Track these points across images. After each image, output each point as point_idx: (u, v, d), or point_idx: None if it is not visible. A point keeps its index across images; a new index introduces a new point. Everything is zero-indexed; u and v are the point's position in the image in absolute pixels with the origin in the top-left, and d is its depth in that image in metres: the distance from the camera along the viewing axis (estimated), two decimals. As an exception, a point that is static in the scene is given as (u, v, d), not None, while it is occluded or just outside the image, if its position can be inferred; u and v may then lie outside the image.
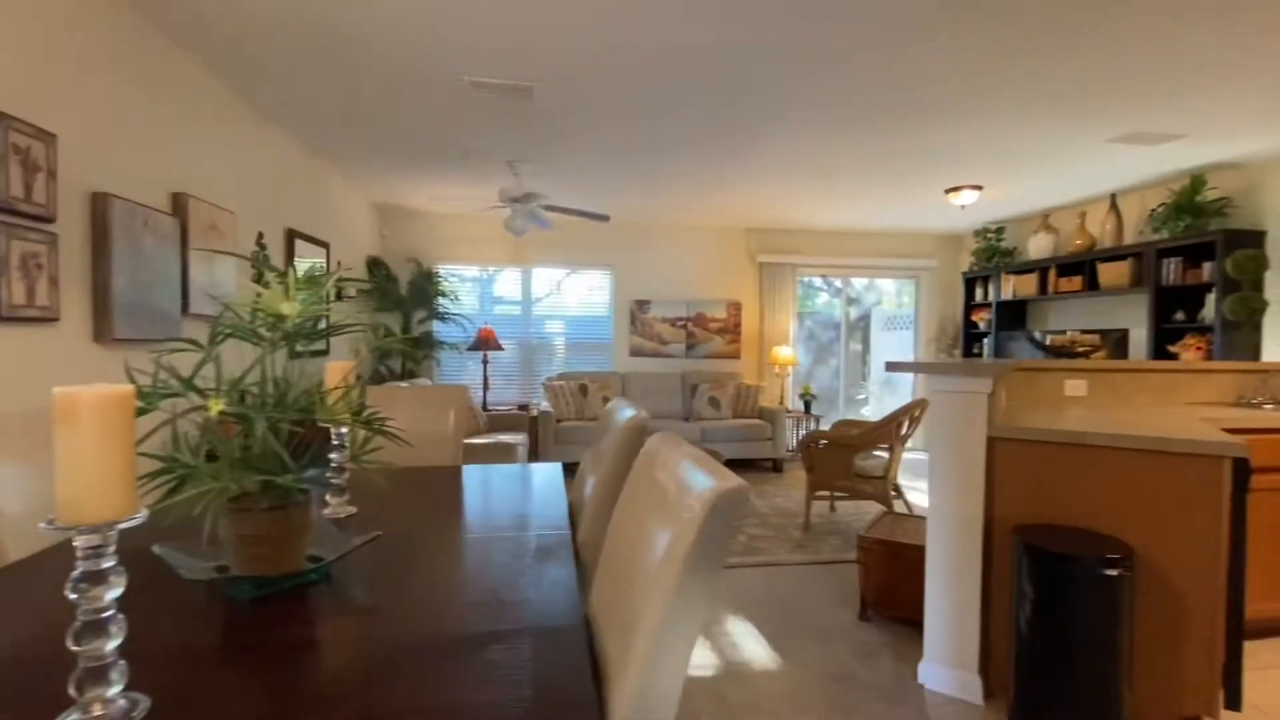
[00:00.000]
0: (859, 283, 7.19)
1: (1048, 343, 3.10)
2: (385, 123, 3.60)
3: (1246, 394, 3.17)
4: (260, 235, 3.44)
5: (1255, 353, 4.13)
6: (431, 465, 2.25)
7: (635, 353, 6.55)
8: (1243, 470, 1.82)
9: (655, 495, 0.94)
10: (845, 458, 3.91)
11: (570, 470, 2.38)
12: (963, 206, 4.94)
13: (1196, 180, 4.18)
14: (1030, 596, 1.83)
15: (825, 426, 5.78)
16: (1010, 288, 5.82)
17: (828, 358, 7.06)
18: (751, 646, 2.45)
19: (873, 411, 7.31)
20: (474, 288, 6.34)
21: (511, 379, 6.42)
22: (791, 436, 6.18)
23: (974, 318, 6.37)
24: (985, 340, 6.23)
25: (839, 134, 3.69)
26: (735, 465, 5.96)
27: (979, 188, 4.82)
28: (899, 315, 7.26)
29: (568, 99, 3.21)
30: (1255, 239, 4.12)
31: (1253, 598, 2.41)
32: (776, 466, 5.87)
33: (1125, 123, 3.46)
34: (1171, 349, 4.36)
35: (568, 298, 6.52)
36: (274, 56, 2.78)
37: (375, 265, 5.54)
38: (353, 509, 1.54)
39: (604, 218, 4.31)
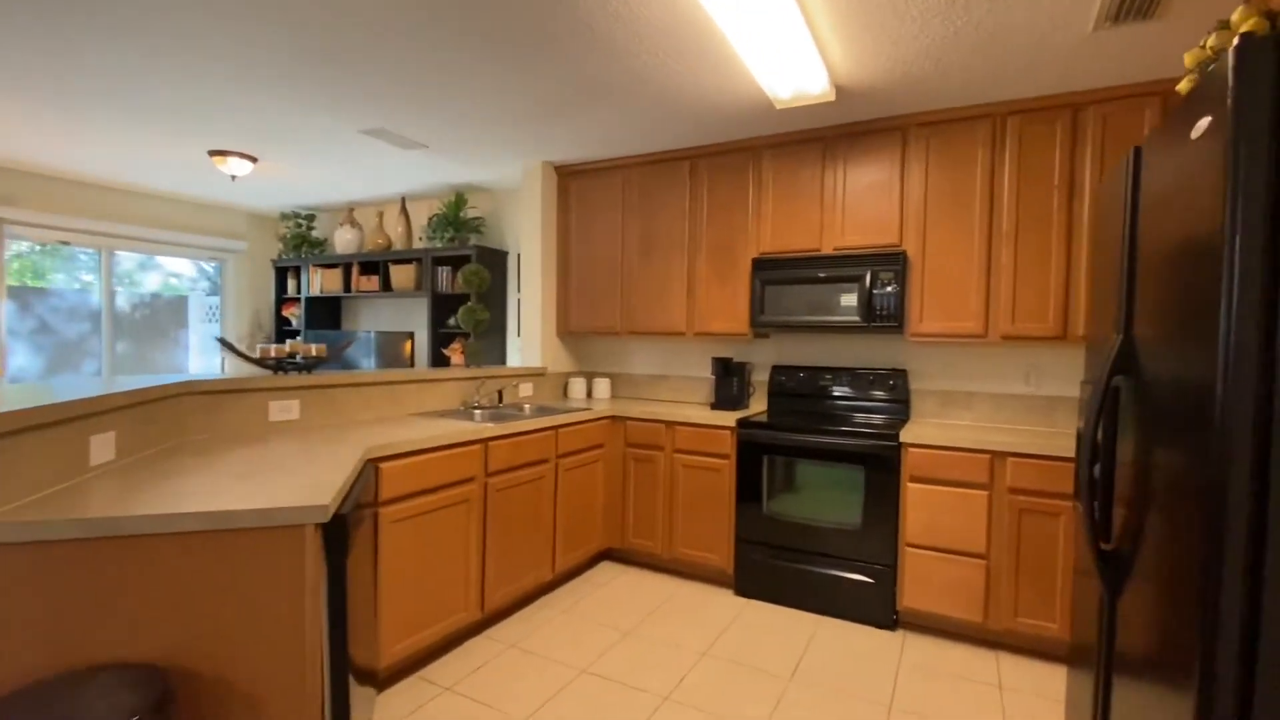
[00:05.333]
0: (128, 257, 5.34)
1: (258, 354, 2.48)
2: None
3: (469, 400, 3.38)
4: None
5: (503, 358, 4.80)
6: None
7: None
8: (339, 532, 1.49)
9: None
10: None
11: None
12: (234, 177, 4.02)
13: (459, 196, 4.52)
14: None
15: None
16: (319, 282, 5.30)
17: (78, 359, 4.99)
18: None
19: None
20: None
21: None
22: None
23: (285, 313, 5.61)
24: (298, 339, 5.56)
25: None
26: None
27: (253, 159, 4.00)
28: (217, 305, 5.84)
29: None
30: (502, 258, 4.76)
31: (398, 635, 2.23)
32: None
33: (373, 116, 3.22)
34: (445, 352, 4.64)
35: None
36: None
37: None
38: None
39: None
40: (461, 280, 3.48)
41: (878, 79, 2.63)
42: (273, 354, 2.52)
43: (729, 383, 3.53)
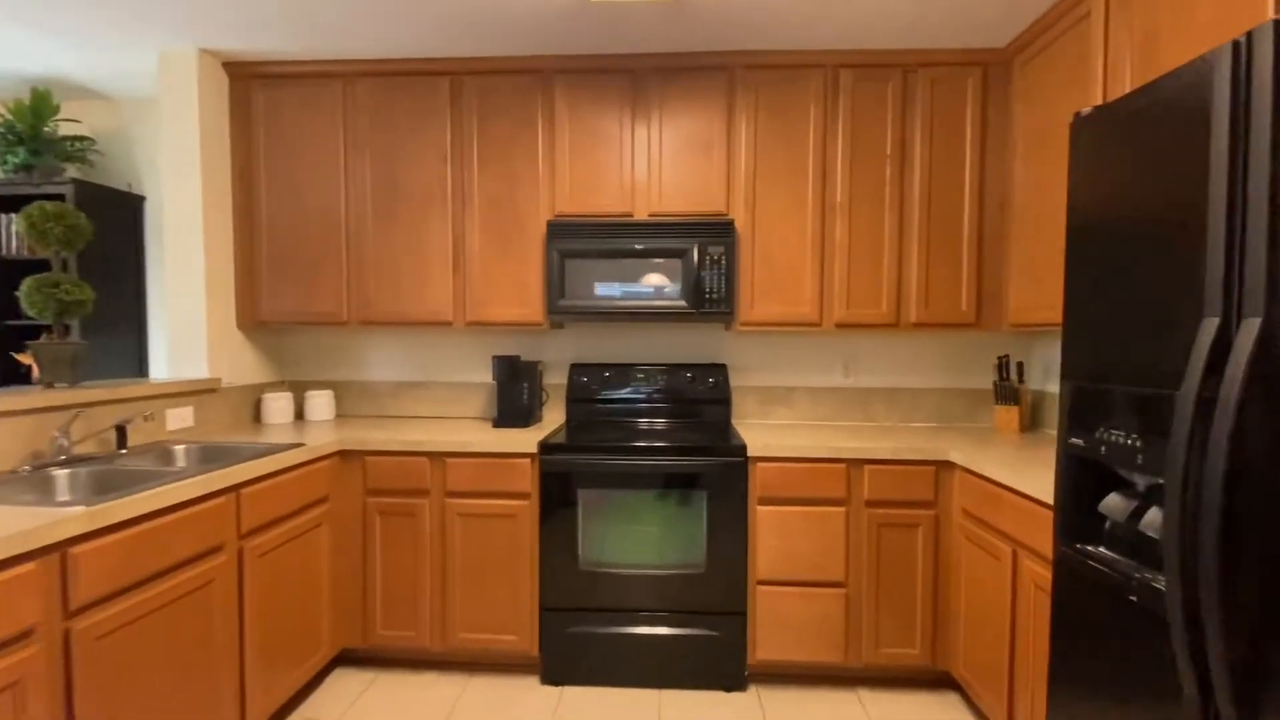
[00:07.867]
0: None
1: None
2: None
3: (47, 450, 1.85)
4: None
5: (141, 365, 3.08)
6: None
7: None
8: None
9: None
10: None
11: None
12: None
13: (41, 95, 2.68)
14: None
15: None
16: None
17: None
18: None
19: None
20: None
21: None
22: None
23: None
24: None
25: None
26: None
27: None
28: None
29: None
30: (135, 206, 3.03)
31: None
32: None
33: None
34: (21, 359, 2.76)
35: None
36: None
37: None
38: None
39: None
40: (24, 226, 1.90)
41: (723, -17, 1.98)
42: None
43: (517, 390, 2.60)
